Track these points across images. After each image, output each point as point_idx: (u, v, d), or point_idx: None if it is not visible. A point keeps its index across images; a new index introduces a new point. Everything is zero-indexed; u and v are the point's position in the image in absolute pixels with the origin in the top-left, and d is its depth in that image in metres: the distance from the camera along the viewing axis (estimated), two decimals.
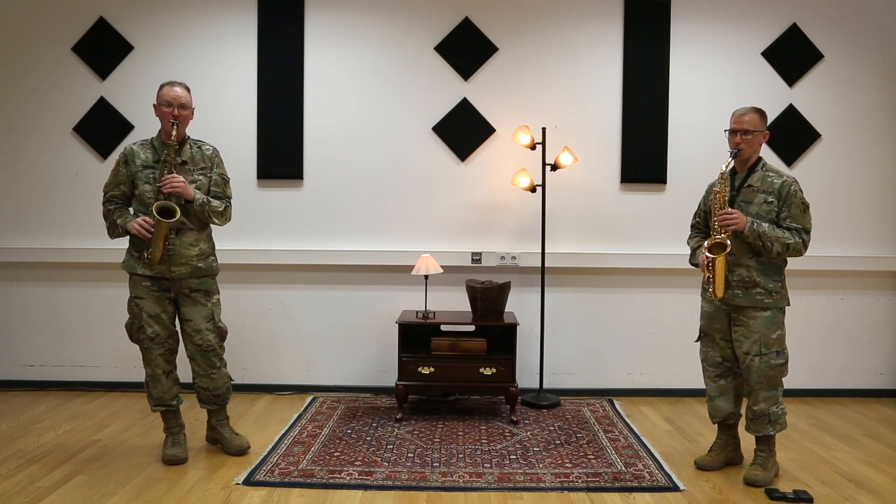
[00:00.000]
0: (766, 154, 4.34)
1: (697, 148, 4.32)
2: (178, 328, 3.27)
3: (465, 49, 4.37)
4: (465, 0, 4.37)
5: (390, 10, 4.38)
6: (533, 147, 4.19)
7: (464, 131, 4.40)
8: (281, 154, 4.37)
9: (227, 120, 4.32)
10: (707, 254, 2.95)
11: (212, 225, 3.27)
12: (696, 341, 3.27)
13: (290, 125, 4.38)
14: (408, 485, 2.96)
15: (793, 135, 4.40)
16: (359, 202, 4.42)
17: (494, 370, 3.84)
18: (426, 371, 3.85)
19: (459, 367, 3.85)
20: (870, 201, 4.45)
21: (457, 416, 3.94)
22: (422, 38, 4.38)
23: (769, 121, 4.35)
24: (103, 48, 4.37)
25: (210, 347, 3.22)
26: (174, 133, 3.07)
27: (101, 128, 4.40)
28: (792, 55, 4.38)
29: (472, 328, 4.06)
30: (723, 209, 2.96)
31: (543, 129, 4.21)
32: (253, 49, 4.37)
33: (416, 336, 4.03)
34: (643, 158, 4.39)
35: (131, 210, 3.22)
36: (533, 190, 4.21)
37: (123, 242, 4.28)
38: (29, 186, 4.44)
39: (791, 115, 4.40)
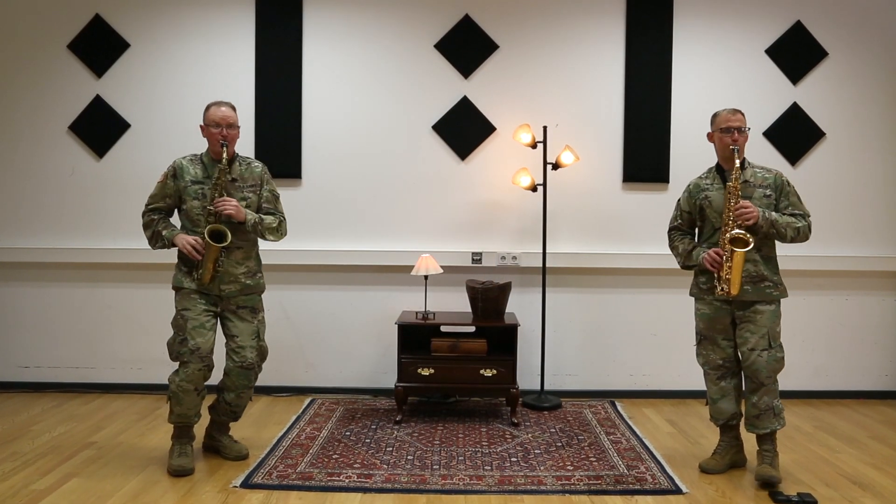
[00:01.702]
0: (770, 153, 4.34)
1: (700, 147, 4.22)
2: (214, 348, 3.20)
3: (466, 46, 4.34)
4: None
5: (389, 7, 4.35)
6: (534, 146, 4.16)
7: (464, 130, 4.36)
8: (279, 153, 4.34)
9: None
10: (732, 248, 2.94)
11: (262, 241, 3.26)
12: (697, 344, 3.24)
13: (288, 124, 4.35)
14: (407, 487, 2.93)
15: (797, 133, 4.37)
16: (358, 201, 4.39)
17: (495, 371, 3.81)
18: (426, 372, 3.81)
19: (459, 368, 3.82)
20: (875, 201, 4.41)
21: (457, 418, 3.91)
22: (421, 35, 4.35)
23: (773, 119, 4.36)
24: (99, 46, 4.33)
25: (250, 366, 3.17)
26: (224, 154, 3.06)
27: (97, 126, 4.36)
28: (796, 53, 4.35)
29: (472, 329, 4.03)
30: (738, 202, 2.96)
31: (544, 128, 4.18)
32: (251, 46, 4.34)
33: (415, 337, 4.00)
34: (645, 157, 4.36)
35: (178, 225, 3.21)
36: (534, 189, 4.17)
37: (123, 243, 4.34)
38: (24, 185, 4.40)
39: (795, 114, 4.37)
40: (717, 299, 3.08)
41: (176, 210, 3.23)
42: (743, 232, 2.93)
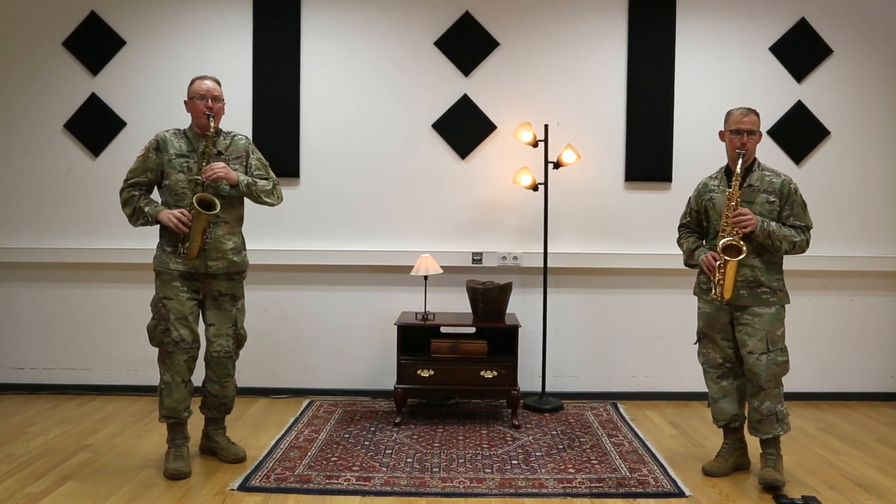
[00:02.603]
0: (774, 152, 4.30)
1: (703, 145, 4.24)
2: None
3: (466, 44, 4.30)
4: None
5: (389, 3, 4.31)
6: (535, 144, 4.12)
7: (464, 128, 4.33)
8: (277, 152, 4.27)
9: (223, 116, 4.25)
10: (724, 256, 2.92)
11: (265, 206, 3.19)
12: (696, 343, 3.22)
13: (286, 122, 4.31)
14: (407, 491, 2.91)
15: (801, 132, 4.33)
16: (357, 201, 4.35)
17: (495, 373, 3.77)
18: (426, 374, 3.78)
19: (460, 369, 3.79)
20: (880, 200, 4.37)
21: (457, 420, 3.88)
22: (421, 32, 4.31)
23: (777, 118, 4.32)
24: (95, 43, 4.30)
25: (227, 354, 3.16)
26: (211, 125, 3.01)
27: (93, 125, 4.32)
28: (800, 50, 4.31)
29: (472, 330, 4.00)
30: (736, 209, 2.93)
31: (546, 126, 4.14)
32: (248, 44, 4.31)
33: (415, 338, 3.96)
34: (648, 156, 4.33)
35: (159, 200, 3.13)
36: (535, 188, 4.14)
37: (119, 243, 4.30)
38: (18, 184, 4.36)
39: (799, 112, 4.33)
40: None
41: (156, 187, 3.16)
42: (736, 240, 2.90)
